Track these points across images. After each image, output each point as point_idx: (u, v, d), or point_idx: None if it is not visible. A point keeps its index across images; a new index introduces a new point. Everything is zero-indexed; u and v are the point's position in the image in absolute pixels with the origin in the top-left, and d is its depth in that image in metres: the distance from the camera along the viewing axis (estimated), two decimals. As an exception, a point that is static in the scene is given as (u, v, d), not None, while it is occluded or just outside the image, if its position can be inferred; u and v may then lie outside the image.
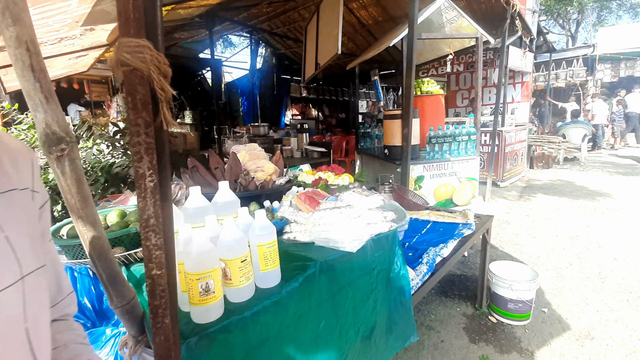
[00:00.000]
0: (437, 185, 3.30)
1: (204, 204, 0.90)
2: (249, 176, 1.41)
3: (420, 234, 2.02)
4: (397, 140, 3.14)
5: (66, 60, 4.69)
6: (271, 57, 11.88)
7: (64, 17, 2.73)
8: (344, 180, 1.66)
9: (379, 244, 1.21)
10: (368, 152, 4.28)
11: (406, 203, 2.43)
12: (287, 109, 13.80)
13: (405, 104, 2.79)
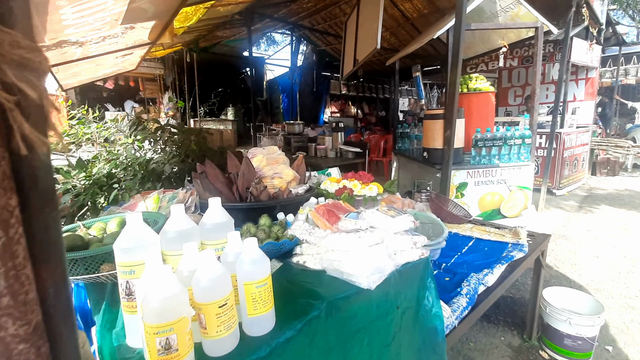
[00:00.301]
0: (482, 193, 2.96)
1: (187, 227, 0.75)
2: (261, 184, 1.26)
3: (460, 253, 1.76)
4: (438, 143, 2.84)
5: (113, 59, 4.89)
6: (311, 54, 11.78)
7: (103, 15, 2.77)
8: (371, 191, 1.46)
9: (406, 277, 1.00)
10: (406, 154, 3.99)
11: (445, 214, 2.17)
12: (326, 106, 13.67)
13: (448, 102, 2.50)
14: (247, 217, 1.23)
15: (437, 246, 1.71)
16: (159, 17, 3.42)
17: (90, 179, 4.01)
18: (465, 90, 3.25)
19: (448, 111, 2.52)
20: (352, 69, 5.21)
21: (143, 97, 14.99)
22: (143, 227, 0.68)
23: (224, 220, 0.80)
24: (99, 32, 3.23)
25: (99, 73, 5.72)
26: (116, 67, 5.74)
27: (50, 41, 3.07)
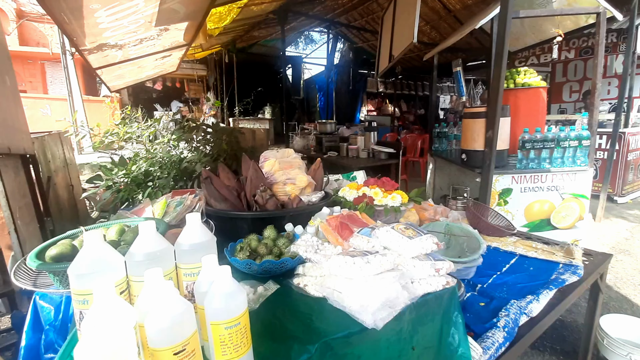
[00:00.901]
0: (529, 201, 2.65)
1: (157, 248, 0.65)
2: (267, 192, 1.15)
3: (499, 272, 1.54)
4: (479, 144, 2.58)
5: (153, 61, 5.08)
6: (348, 51, 11.59)
7: (136, 18, 2.83)
8: (394, 200, 1.30)
9: (425, 310, 0.84)
10: (443, 155, 3.72)
11: (483, 225, 1.93)
12: (362, 104, 13.41)
13: (491, 99, 2.25)
14: (254, 228, 1.13)
15: (472, 264, 1.51)
16: (191, 18, 3.46)
17: (129, 177, 4.18)
18: (511, 86, 2.93)
19: (490, 109, 2.27)
20: (387, 66, 4.99)
21: (188, 97, 15.77)
22: (103, 249, 0.60)
23: (203, 240, 0.69)
24: (135, 34, 3.32)
25: (142, 75, 6.00)
26: (157, 69, 5.98)
27: (91, 45, 3.20)
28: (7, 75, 2.29)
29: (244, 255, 0.97)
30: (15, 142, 2.08)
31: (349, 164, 4.09)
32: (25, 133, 2.49)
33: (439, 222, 1.80)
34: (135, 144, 5.21)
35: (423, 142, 7.34)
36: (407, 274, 0.81)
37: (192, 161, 4.02)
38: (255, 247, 1.01)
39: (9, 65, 2.40)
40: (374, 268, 0.75)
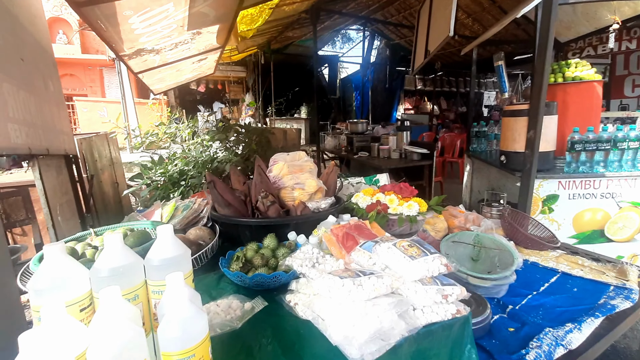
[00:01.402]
0: (579, 209, 2.36)
1: (123, 262, 0.61)
2: (269, 199, 1.09)
3: (536, 292, 1.36)
4: (519, 145, 2.35)
5: (190, 64, 5.27)
6: (385, 48, 11.31)
7: (168, 23, 2.92)
8: (410, 209, 1.17)
9: (428, 344, 0.72)
10: (481, 157, 3.46)
11: (521, 237, 1.74)
12: (399, 103, 13.04)
13: (534, 95, 2.02)
14: (256, 235, 1.08)
15: (503, 281, 1.36)
16: (221, 21, 3.52)
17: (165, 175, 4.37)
18: (560, 80, 2.63)
19: (533, 106, 2.04)
20: (422, 62, 4.75)
21: (228, 98, 16.39)
22: (65, 263, 0.57)
23: (174, 255, 0.64)
24: (170, 39, 3.44)
25: (181, 78, 6.25)
26: (195, 72, 6.20)
27: (129, 50, 3.36)
28: (50, 81, 2.45)
29: (236, 267, 0.92)
30: (55, 143, 2.21)
31: (380, 164, 3.95)
32: (67, 135, 2.65)
33: (468, 232, 1.64)
34: (177, 144, 5.42)
35: (462, 142, 6.96)
36: (408, 301, 0.71)
37: (223, 161, 4.11)
38: (251, 258, 0.96)
39: (53, 72, 2.58)
40: (365, 292, 0.65)
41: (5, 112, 1.53)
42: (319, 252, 0.95)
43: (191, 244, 1.02)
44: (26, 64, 1.91)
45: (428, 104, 12.36)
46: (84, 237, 1.09)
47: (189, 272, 0.68)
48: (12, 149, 1.56)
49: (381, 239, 0.89)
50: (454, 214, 2.03)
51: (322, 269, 0.85)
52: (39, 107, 2.02)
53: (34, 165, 2.02)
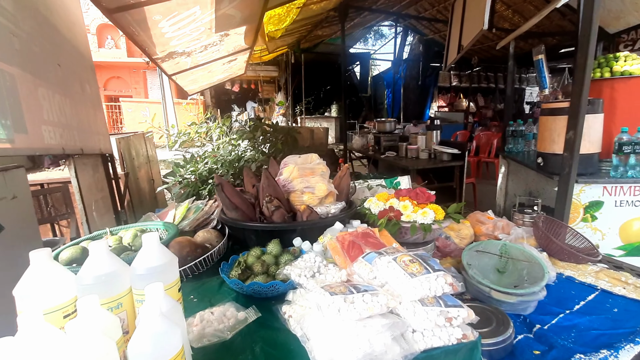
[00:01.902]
0: (628, 218, 2.13)
1: (106, 270, 0.61)
2: (273, 203, 1.06)
3: (570, 311, 1.24)
4: (558, 146, 2.15)
5: (221, 65, 5.40)
6: (418, 44, 10.98)
7: (196, 26, 3.00)
8: (425, 216, 1.09)
9: None
10: (517, 158, 3.24)
11: (555, 248, 1.60)
12: (433, 100, 12.62)
13: (574, 91, 1.84)
14: (262, 240, 1.06)
15: (531, 297, 1.25)
16: (248, 22, 3.56)
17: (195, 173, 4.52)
18: (607, 75, 2.38)
19: (573, 104, 1.86)
20: (456, 57, 4.55)
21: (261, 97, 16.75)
22: (51, 269, 0.58)
23: (158, 264, 0.63)
24: (199, 41, 3.53)
25: (213, 79, 6.45)
26: (226, 73, 6.37)
27: (161, 53, 3.50)
28: (87, 84, 2.59)
29: (235, 273, 0.91)
30: (90, 143, 2.34)
31: (407, 165, 3.82)
32: (103, 135, 2.80)
33: (494, 241, 1.53)
34: (210, 143, 5.59)
35: (499, 141, 6.58)
36: (405, 322, 0.65)
37: (249, 160, 4.17)
38: (251, 264, 0.94)
39: (91, 75, 2.73)
40: (357, 312, 0.60)
41: (40, 115, 1.63)
42: (322, 260, 0.91)
43: (196, 247, 1.03)
44: (63, 68, 2.03)
45: (464, 101, 11.85)
46: (99, 236, 1.14)
47: (174, 281, 0.68)
48: (46, 149, 1.65)
49: (387, 250, 0.83)
50: (481, 220, 1.91)
51: (322, 279, 0.81)
52: (75, 109, 2.14)
53: (70, 164, 2.15)
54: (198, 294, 0.92)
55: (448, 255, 1.59)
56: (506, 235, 1.74)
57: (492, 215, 1.96)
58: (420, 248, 1.14)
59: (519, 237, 1.68)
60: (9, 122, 1.35)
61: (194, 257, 0.99)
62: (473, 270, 1.32)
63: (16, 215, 1.42)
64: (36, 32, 1.74)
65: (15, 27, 1.53)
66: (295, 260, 0.93)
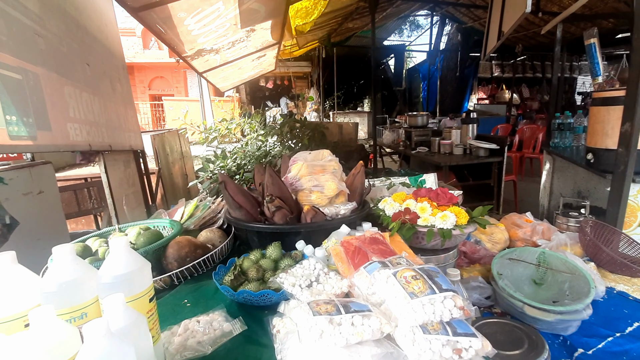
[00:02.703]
0: (699, 223, 1.84)
1: (69, 278, 0.56)
2: (274, 203, 0.98)
3: (620, 334, 1.06)
4: (612, 141, 1.90)
5: (250, 62, 5.44)
6: (456, 33, 10.41)
7: (222, 22, 3.00)
8: (444, 220, 0.95)
9: None
10: (565, 154, 2.93)
11: (606, 258, 1.40)
12: (472, 92, 11.96)
13: (631, 79, 1.59)
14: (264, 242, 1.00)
15: (573, 316, 1.09)
16: (273, 16, 3.52)
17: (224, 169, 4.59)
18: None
19: (630, 92, 1.61)
20: (495, 45, 4.21)
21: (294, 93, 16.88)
22: (15, 276, 0.55)
23: (126, 272, 0.58)
24: (226, 38, 3.55)
25: (244, 75, 6.52)
26: (256, 69, 6.41)
27: (190, 51, 3.56)
28: (119, 83, 2.68)
29: (228, 279, 0.85)
30: (119, 140, 2.42)
31: (440, 161, 3.61)
32: (134, 132, 2.90)
33: (531, 249, 1.37)
34: (241, 138, 5.65)
35: (545, 135, 6.08)
36: (400, 354, 0.54)
37: (275, 156, 4.17)
38: (247, 269, 0.88)
39: (122, 74, 2.82)
40: (342, 337, 0.51)
41: (65, 112, 1.68)
42: (322, 267, 0.83)
43: (196, 248, 0.99)
44: (92, 68, 2.10)
45: (506, 92, 11.11)
46: (108, 233, 1.14)
47: (144, 291, 0.62)
48: (71, 146, 1.70)
49: (393, 260, 0.72)
50: (517, 223, 1.73)
51: (319, 290, 0.72)
52: (104, 107, 2.21)
53: (99, 160, 2.23)
54: (193, 298, 0.88)
55: (477, 262, 1.45)
56: (546, 241, 1.55)
57: (531, 218, 1.76)
58: (440, 255, 1.02)
59: (561, 244, 1.49)
60: (32, 119, 1.40)
61: (193, 258, 0.95)
62: (504, 281, 1.17)
63: (42, 210, 1.49)
64: (63, 33, 1.80)
65: (40, 28, 1.58)
66: (295, 266, 0.85)
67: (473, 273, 1.37)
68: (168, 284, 0.94)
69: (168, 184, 4.71)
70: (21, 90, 1.36)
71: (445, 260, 1.03)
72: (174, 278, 0.94)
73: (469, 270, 1.39)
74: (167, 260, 0.94)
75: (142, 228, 1.09)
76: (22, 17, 1.45)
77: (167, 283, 0.94)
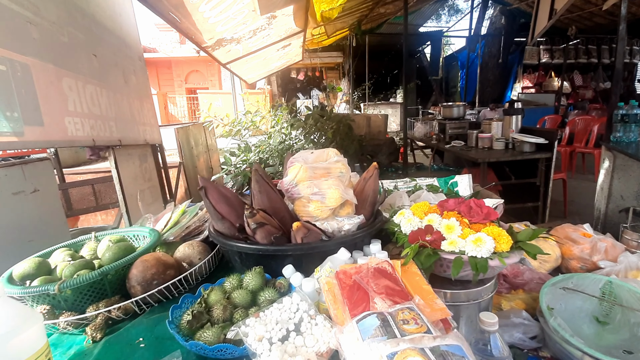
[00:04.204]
0: None
1: None
2: (254, 219, 0.78)
3: None
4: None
5: (275, 52, 5.26)
6: (499, 16, 9.59)
7: (239, 8, 2.83)
8: (478, 246, 0.70)
9: None
10: (627, 151, 2.50)
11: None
12: (516, 80, 11.07)
13: None
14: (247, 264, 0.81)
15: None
16: (294, 1, 3.30)
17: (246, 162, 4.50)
18: None
19: None
20: (545, 26, 3.73)
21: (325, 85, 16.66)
22: None
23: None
24: (245, 26, 3.39)
25: (271, 66, 6.37)
26: (283, 60, 6.23)
27: (210, 41, 3.43)
28: (134, 75, 2.60)
29: (185, 319, 0.66)
30: (131, 134, 2.34)
31: (477, 156, 3.25)
32: (150, 125, 2.83)
33: (593, 276, 1.08)
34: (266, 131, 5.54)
35: (601, 127, 5.39)
36: None
37: (298, 149, 3.99)
38: (212, 305, 0.68)
39: (138, 66, 2.74)
40: None
41: (63, 106, 1.59)
42: (308, 308, 0.62)
43: (167, 268, 0.81)
44: (100, 59, 2.01)
45: (556, 80, 10.15)
46: (81, 242, 1.02)
47: (34, 355, 0.46)
48: (70, 141, 1.61)
49: (397, 310, 0.51)
50: (572, 238, 1.42)
51: (297, 346, 0.52)
52: (114, 100, 2.13)
53: (110, 155, 2.16)
54: (152, 335, 0.71)
55: (520, 288, 1.18)
56: (611, 263, 1.25)
57: (590, 231, 1.45)
58: (472, 289, 0.78)
59: (631, 267, 1.18)
60: (17, 114, 1.30)
61: (161, 282, 0.79)
62: (557, 320, 0.91)
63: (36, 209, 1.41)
64: (64, 22, 1.70)
65: (34, 16, 1.48)
66: (270, 306, 0.64)
67: (515, 303, 1.11)
68: (131, 312, 0.78)
69: (192, 177, 4.70)
70: (5, 83, 1.26)
71: (477, 295, 0.79)
72: (134, 305, 0.77)
73: (509, 298, 1.13)
74: (129, 283, 0.78)
75: (114, 240, 0.95)
76: (9, 4, 1.34)
77: (130, 311, 0.78)
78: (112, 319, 0.76)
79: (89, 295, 0.78)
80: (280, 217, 0.87)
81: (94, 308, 0.75)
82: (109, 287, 0.80)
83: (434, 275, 0.83)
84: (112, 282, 0.81)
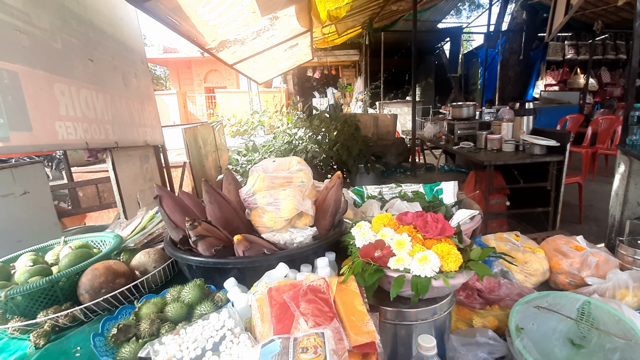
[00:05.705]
0: None
1: None
2: (195, 231, 0.76)
3: None
4: None
5: (283, 52, 5.26)
6: (521, 11, 9.21)
7: (238, 10, 2.84)
8: (423, 265, 0.66)
9: None
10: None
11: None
12: (538, 77, 10.62)
13: None
14: (196, 274, 0.80)
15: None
16: (295, 1, 3.28)
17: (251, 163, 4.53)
18: None
19: None
20: (562, 21, 3.56)
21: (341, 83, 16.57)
22: None
23: None
24: (247, 27, 3.39)
25: (280, 66, 6.37)
26: (292, 60, 6.22)
27: (213, 43, 3.46)
28: (134, 78, 2.65)
29: (112, 333, 0.65)
30: (129, 136, 2.39)
31: (485, 158, 3.13)
32: (151, 127, 2.88)
33: (569, 295, 1.02)
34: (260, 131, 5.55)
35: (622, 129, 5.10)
36: None
37: (302, 150, 3.97)
38: (142, 318, 0.67)
39: (140, 69, 2.80)
40: None
41: (54, 111, 1.63)
42: (234, 326, 0.61)
43: (116, 277, 0.82)
44: (96, 63, 2.06)
45: (581, 76, 9.67)
46: (50, 246, 1.04)
47: None
48: (60, 145, 1.66)
49: (304, 339, 0.48)
50: (562, 251, 1.34)
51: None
52: (111, 103, 2.18)
53: (107, 157, 2.21)
54: (90, 345, 0.72)
55: (495, 304, 1.12)
56: (599, 280, 1.17)
57: (583, 244, 1.36)
58: (420, 309, 0.74)
59: (620, 286, 1.10)
60: (3, 120, 1.34)
61: (109, 290, 0.79)
62: (523, 342, 0.86)
63: (26, 210, 1.46)
64: (58, 29, 1.75)
65: (24, 24, 1.52)
66: (195, 322, 0.63)
67: (487, 320, 1.06)
68: (79, 320, 0.79)
69: (200, 176, 4.77)
70: (-10, 90, 1.31)
71: (427, 315, 0.75)
72: (79, 313, 0.78)
73: (482, 314, 1.08)
74: (79, 290, 0.79)
75: (75, 246, 0.97)
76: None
77: (78, 319, 0.79)
78: (59, 326, 0.78)
79: (40, 301, 0.80)
80: (233, 229, 0.86)
81: (44, 314, 0.77)
82: (61, 294, 0.82)
83: (385, 292, 0.80)
84: (64, 289, 0.82)
